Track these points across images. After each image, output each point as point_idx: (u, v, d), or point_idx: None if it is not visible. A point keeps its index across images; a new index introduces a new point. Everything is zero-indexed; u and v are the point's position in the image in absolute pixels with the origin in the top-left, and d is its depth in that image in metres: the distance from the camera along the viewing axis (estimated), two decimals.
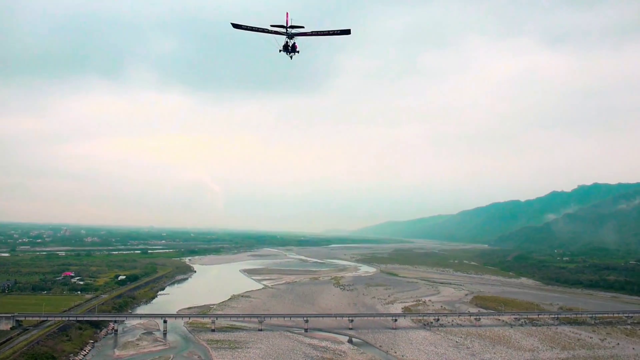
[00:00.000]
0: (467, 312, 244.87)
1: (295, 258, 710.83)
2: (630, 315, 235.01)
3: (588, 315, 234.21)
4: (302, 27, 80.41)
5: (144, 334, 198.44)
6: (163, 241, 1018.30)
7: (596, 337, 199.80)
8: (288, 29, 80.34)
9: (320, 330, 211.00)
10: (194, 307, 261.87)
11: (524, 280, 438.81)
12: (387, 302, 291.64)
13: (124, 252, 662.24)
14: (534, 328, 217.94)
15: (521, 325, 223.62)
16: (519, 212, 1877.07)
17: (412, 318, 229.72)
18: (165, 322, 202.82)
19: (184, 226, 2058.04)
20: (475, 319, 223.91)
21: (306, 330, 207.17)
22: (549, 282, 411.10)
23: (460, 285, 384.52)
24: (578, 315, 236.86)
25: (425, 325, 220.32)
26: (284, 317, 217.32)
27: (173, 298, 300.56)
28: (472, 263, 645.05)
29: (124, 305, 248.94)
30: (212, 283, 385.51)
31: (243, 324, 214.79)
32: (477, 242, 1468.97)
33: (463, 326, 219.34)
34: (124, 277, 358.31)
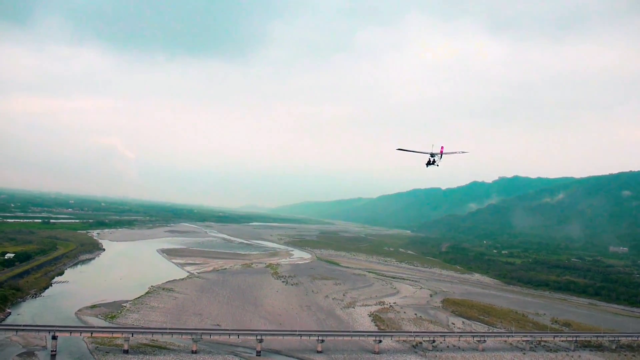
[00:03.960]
0: (468, 332, 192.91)
1: (217, 237, 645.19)
2: None
3: (609, 338, 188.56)
4: (442, 152, 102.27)
5: (20, 355, 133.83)
6: (70, 210, 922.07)
7: None
8: (437, 155, 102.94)
9: (277, 353, 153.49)
10: (100, 305, 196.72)
11: (478, 277, 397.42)
12: (345, 304, 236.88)
13: (22, 221, 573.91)
14: (551, 355, 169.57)
15: (533, 349, 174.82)
16: (440, 200, 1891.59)
17: (397, 338, 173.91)
18: (54, 338, 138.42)
19: (94, 194, 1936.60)
20: (478, 340, 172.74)
21: (259, 353, 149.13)
22: (509, 282, 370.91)
23: (416, 281, 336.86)
24: (598, 338, 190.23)
25: (414, 347, 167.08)
26: (230, 335, 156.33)
27: (73, 289, 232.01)
28: (409, 252, 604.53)
29: (0, 302, 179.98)
30: (124, 267, 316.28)
31: (170, 340, 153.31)
32: (398, 227, 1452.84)
33: (464, 350, 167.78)
34: (12, 255, 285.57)
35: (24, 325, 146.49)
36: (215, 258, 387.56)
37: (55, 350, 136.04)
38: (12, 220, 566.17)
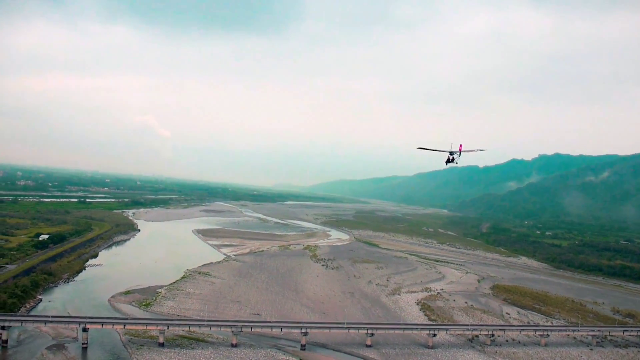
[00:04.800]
0: (530, 324, 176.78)
1: (253, 216, 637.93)
2: None
3: None
4: (461, 150, 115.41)
5: (50, 348, 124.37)
6: (106, 188, 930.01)
7: None
8: (456, 153, 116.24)
9: (323, 346, 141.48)
10: (134, 291, 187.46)
11: (525, 260, 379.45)
12: (390, 291, 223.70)
13: (58, 201, 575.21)
14: (621, 352, 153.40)
15: (600, 344, 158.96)
16: (477, 178, 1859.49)
17: (453, 332, 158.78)
18: (85, 330, 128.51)
19: (130, 173, 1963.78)
20: (541, 334, 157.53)
21: (303, 347, 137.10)
22: (558, 266, 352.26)
23: (461, 265, 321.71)
24: None
25: (471, 341, 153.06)
26: (272, 327, 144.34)
27: (106, 273, 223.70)
28: (449, 233, 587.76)
29: (31, 288, 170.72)
30: (159, 249, 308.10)
31: (208, 332, 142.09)
32: (435, 206, 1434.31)
33: (525, 345, 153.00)
34: (47, 236, 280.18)
35: (52, 317, 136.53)
36: (251, 239, 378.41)
37: (87, 343, 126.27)
38: (49, 200, 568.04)
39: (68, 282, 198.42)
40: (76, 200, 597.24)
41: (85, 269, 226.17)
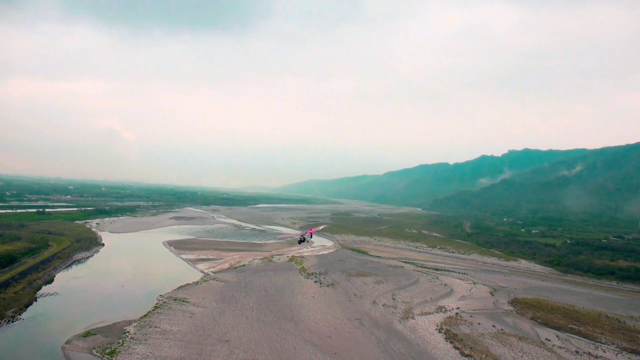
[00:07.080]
0: None
1: (227, 222, 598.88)
2: None
3: None
4: (312, 232, 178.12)
5: None
6: (68, 196, 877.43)
7: None
8: (307, 234, 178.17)
9: None
10: (96, 332, 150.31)
11: (526, 264, 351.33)
12: (401, 313, 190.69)
13: (15, 212, 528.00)
14: None
15: None
16: (449, 175, 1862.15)
17: None
18: None
19: (95, 179, 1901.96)
20: None
21: None
22: (565, 270, 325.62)
23: (463, 273, 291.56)
24: None
25: None
26: None
27: (63, 304, 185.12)
28: (434, 234, 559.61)
29: None
30: (126, 268, 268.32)
31: None
32: (408, 204, 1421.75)
33: None
34: None
35: None
36: (229, 250, 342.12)
37: None
38: (4, 211, 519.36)
39: (13, 321, 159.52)
40: (34, 210, 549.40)
41: (36, 300, 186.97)
